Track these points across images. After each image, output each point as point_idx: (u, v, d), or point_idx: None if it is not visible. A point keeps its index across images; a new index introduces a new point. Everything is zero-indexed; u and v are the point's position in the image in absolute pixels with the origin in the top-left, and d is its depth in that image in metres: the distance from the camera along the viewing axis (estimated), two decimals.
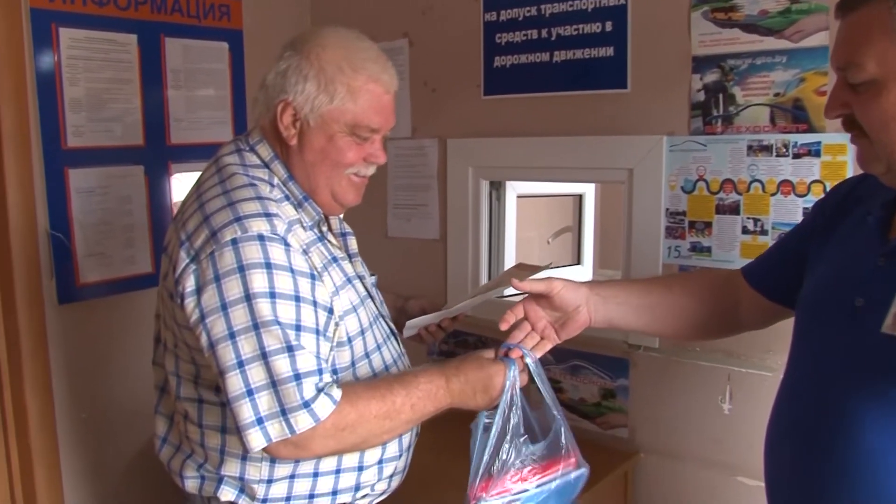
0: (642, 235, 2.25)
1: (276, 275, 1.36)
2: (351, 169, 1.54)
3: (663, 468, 2.29)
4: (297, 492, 1.51)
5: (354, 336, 1.51)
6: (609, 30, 2.27)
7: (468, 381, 1.49)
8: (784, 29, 1.99)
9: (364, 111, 1.49)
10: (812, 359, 1.32)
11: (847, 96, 1.18)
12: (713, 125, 2.12)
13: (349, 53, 1.49)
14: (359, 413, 1.38)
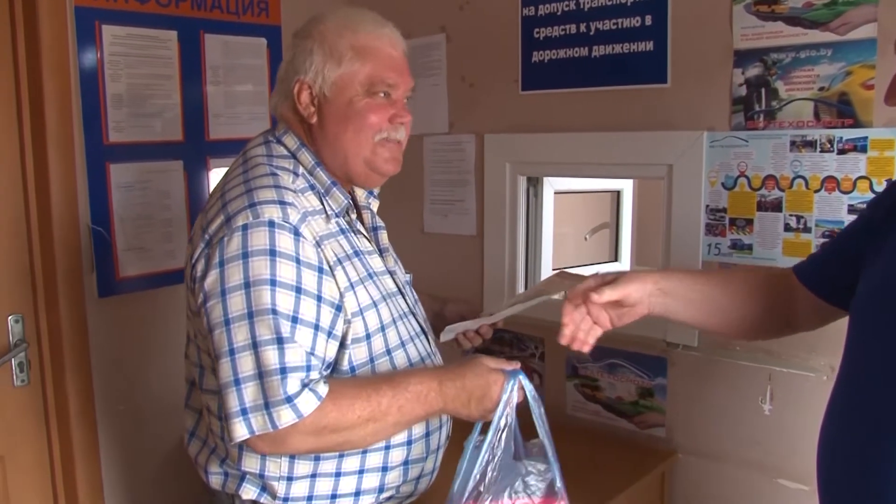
0: (682, 232, 2.21)
1: (280, 263, 1.35)
2: (379, 134, 1.51)
3: (701, 469, 2.26)
4: (319, 491, 1.48)
5: (374, 332, 1.48)
6: (649, 24, 2.24)
7: (464, 388, 1.43)
8: (830, 21, 1.94)
9: (374, 67, 1.49)
10: (864, 359, 1.27)
11: None
12: (755, 120, 2.08)
13: (347, 19, 1.52)
14: (341, 413, 1.34)
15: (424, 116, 2.79)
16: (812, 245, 2.01)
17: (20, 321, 2.24)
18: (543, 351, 2.58)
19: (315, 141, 1.54)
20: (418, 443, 1.54)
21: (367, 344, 1.46)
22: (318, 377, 1.35)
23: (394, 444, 1.50)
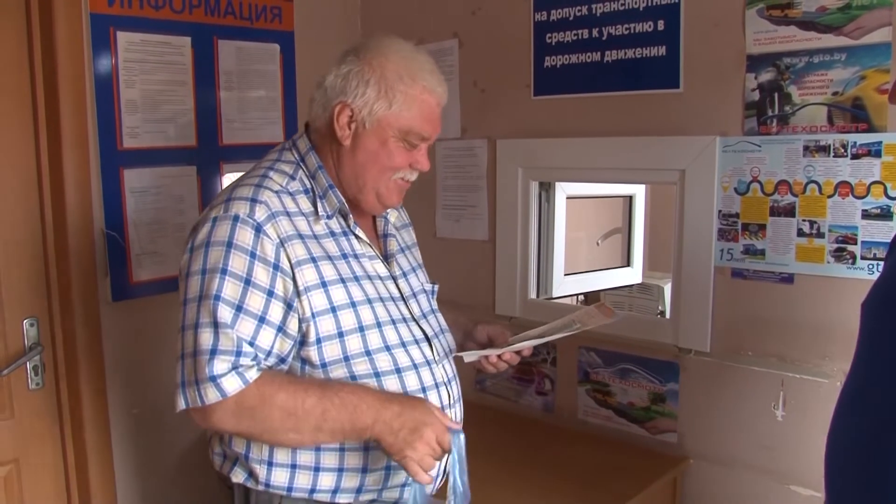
0: (694, 237, 2.21)
1: (235, 255, 1.45)
2: (398, 174, 1.61)
3: (713, 475, 2.25)
4: (298, 483, 1.54)
5: (349, 332, 1.52)
6: (661, 29, 2.24)
7: (400, 416, 1.44)
8: (843, 25, 1.94)
9: (417, 119, 1.57)
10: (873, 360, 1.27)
11: None
12: (768, 125, 2.07)
13: (409, 64, 1.57)
14: (262, 398, 1.41)
15: None
16: (825, 251, 2.00)
17: (35, 325, 2.26)
18: (555, 356, 2.58)
19: (339, 158, 1.61)
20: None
21: (339, 342, 1.51)
22: (252, 364, 1.43)
23: (374, 446, 1.51)
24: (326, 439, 1.48)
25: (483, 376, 2.76)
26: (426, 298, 1.75)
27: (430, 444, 1.44)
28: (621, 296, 3.47)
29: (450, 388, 1.66)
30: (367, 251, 1.63)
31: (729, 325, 2.19)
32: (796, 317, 2.06)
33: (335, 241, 1.58)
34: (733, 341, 2.18)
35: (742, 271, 2.14)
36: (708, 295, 2.20)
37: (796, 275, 2.06)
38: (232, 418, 1.43)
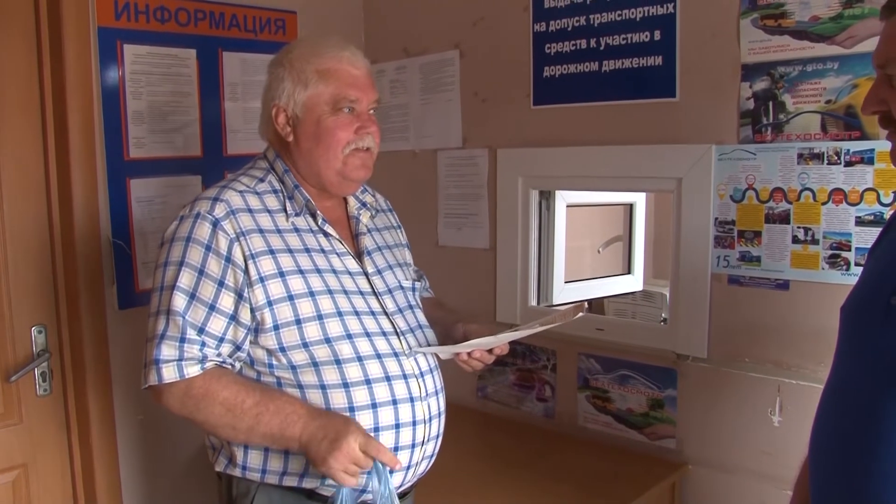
0: (691, 245, 2.23)
1: (193, 248, 1.57)
2: (348, 147, 1.67)
3: (711, 480, 2.26)
4: (271, 467, 1.62)
5: (307, 319, 1.59)
6: (658, 38, 2.27)
7: (324, 427, 1.50)
8: (836, 35, 1.96)
9: (337, 87, 1.65)
10: (847, 361, 1.32)
11: (886, 93, 1.20)
12: (763, 133, 2.10)
13: (312, 46, 1.70)
14: (207, 392, 1.53)
15: (438, 131, 2.84)
16: (820, 257, 2.02)
17: (43, 332, 2.30)
18: (556, 363, 2.60)
19: (292, 156, 1.71)
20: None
21: (297, 328, 1.58)
22: (198, 354, 1.54)
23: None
24: (259, 441, 1.57)
25: (484, 383, 2.78)
26: (403, 295, 1.79)
27: (351, 454, 1.47)
28: (625, 303, 3.49)
29: (421, 381, 1.69)
30: (336, 248, 1.70)
31: (726, 331, 2.21)
32: (792, 323, 2.08)
33: (300, 236, 1.66)
34: (730, 347, 2.20)
35: (738, 278, 2.17)
36: (705, 302, 2.22)
37: (792, 281, 2.08)
38: (177, 403, 1.56)
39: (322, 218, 1.70)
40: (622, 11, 2.34)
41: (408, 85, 2.92)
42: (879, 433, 1.17)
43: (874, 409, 1.18)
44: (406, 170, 2.94)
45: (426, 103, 2.88)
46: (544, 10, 2.51)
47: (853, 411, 1.24)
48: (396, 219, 2.00)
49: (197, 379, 1.53)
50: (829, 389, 1.37)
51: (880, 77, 1.22)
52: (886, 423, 1.16)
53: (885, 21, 1.21)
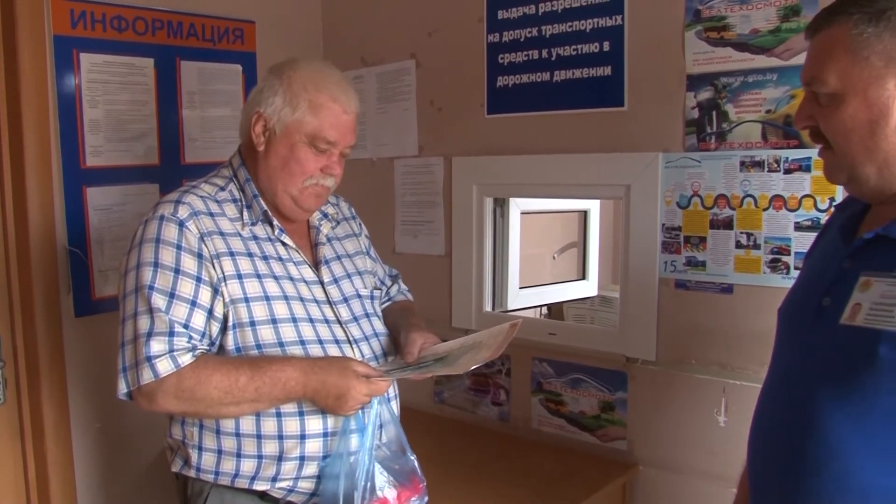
0: (639, 250, 2.29)
1: (163, 249, 1.60)
2: (310, 179, 1.71)
3: (661, 480, 2.32)
4: (224, 469, 1.65)
5: (261, 322, 1.63)
6: (607, 50, 2.33)
7: (324, 384, 1.58)
8: (774, 47, 2.04)
9: (322, 125, 1.69)
10: (782, 359, 1.40)
11: (813, 109, 1.27)
12: (707, 142, 2.16)
13: (314, 75, 1.71)
14: (198, 380, 1.54)
15: (395, 140, 2.88)
16: (762, 262, 2.08)
17: None
18: (510, 367, 2.64)
19: (257, 165, 1.74)
20: (314, 440, 1.64)
21: (251, 330, 1.62)
22: (188, 345, 1.56)
23: (287, 436, 1.63)
24: (268, 407, 1.61)
25: (441, 388, 2.82)
26: (360, 304, 1.83)
27: (357, 400, 1.59)
28: (584, 308, 3.54)
29: None
30: (293, 257, 1.74)
31: (673, 334, 2.26)
32: (736, 325, 2.14)
33: (258, 243, 1.70)
34: (678, 350, 2.26)
35: (685, 282, 2.22)
36: (653, 306, 2.28)
37: (735, 285, 2.14)
38: (174, 399, 1.55)
39: (279, 228, 1.73)
40: (573, 23, 2.39)
41: (365, 94, 2.95)
42: (813, 427, 1.23)
43: (807, 405, 1.24)
44: (364, 178, 2.98)
45: (383, 112, 2.92)
46: (498, 22, 2.57)
47: (788, 407, 1.30)
48: (360, 225, 2.03)
49: (186, 369, 1.54)
50: (766, 388, 1.44)
51: (807, 94, 1.29)
52: (819, 417, 1.22)
53: (810, 40, 1.28)
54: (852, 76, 1.20)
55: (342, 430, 1.64)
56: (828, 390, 1.22)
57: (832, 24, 1.23)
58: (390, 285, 2.10)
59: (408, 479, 1.68)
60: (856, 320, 1.19)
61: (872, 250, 1.25)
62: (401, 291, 2.13)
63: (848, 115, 1.21)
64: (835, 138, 1.25)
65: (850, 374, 1.19)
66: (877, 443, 1.16)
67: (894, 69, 1.18)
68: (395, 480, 1.66)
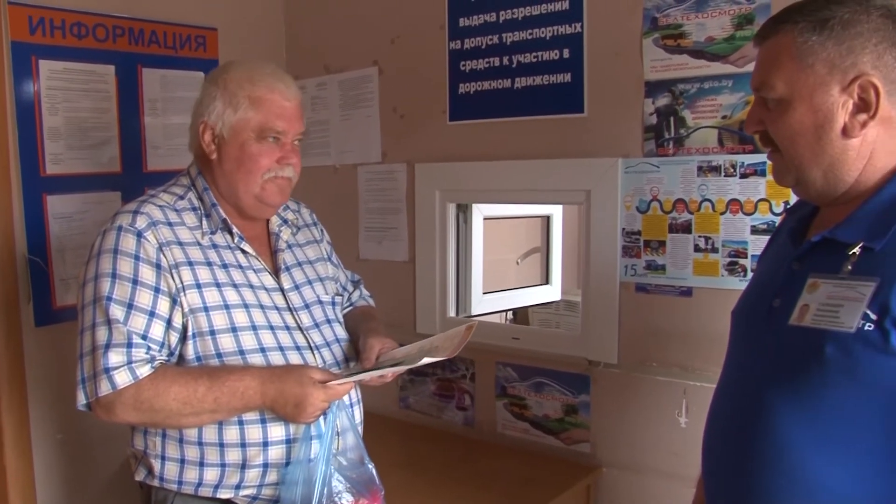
0: (600, 254, 2.32)
1: (121, 259, 1.60)
2: (268, 173, 1.71)
3: (624, 482, 2.34)
4: (186, 478, 1.65)
5: (221, 331, 1.63)
6: (566, 57, 2.36)
7: (283, 393, 1.58)
8: (729, 54, 2.08)
9: (266, 116, 1.69)
10: (735, 360, 1.44)
11: (762, 114, 1.31)
12: (665, 147, 2.20)
13: (248, 72, 1.72)
14: (157, 391, 1.54)
15: (358, 146, 2.89)
16: (719, 265, 2.12)
17: None
18: (474, 372, 2.66)
19: (214, 173, 1.74)
20: (277, 447, 1.65)
21: (212, 339, 1.62)
22: (146, 356, 1.56)
23: (249, 443, 1.63)
24: (227, 417, 1.61)
25: (406, 394, 2.83)
26: (322, 310, 1.83)
27: (316, 407, 1.59)
28: (549, 313, 3.57)
29: None
30: (253, 264, 1.74)
31: (635, 337, 2.29)
32: (695, 328, 2.18)
33: (218, 252, 1.70)
34: (639, 353, 2.29)
35: (645, 286, 2.26)
36: (614, 309, 2.31)
37: (694, 288, 2.18)
38: (133, 410, 1.55)
39: (239, 235, 1.73)
40: (533, 31, 2.42)
41: (328, 101, 2.96)
42: (764, 424, 1.26)
43: (758, 403, 1.28)
44: (327, 185, 2.98)
45: (346, 119, 2.93)
46: (459, 29, 2.59)
47: (740, 406, 1.33)
48: (321, 231, 2.04)
49: (144, 381, 1.54)
50: (719, 388, 1.47)
51: (757, 99, 1.33)
52: (769, 414, 1.25)
53: (758, 48, 1.33)
54: (798, 82, 1.24)
55: (303, 436, 1.65)
56: (778, 388, 1.25)
57: (778, 32, 1.27)
58: (352, 291, 2.10)
59: (365, 488, 1.68)
60: (804, 321, 1.23)
61: (819, 253, 1.28)
62: (362, 297, 2.13)
63: (795, 119, 1.25)
64: (783, 142, 1.28)
65: (799, 372, 1.22)
66: (824, 437, 1.20)
67: (839, 76, 1.22)
68: (352, 488, 1.66)
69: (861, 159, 1.25)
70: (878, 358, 1.14)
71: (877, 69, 1.21)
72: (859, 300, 1.17)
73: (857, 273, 1.20)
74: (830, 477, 1.19)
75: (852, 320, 1.16)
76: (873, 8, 1.22)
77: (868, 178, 1.26)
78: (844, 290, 1.20)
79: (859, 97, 1.22)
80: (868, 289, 1.17)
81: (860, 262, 1.21)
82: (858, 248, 1.21)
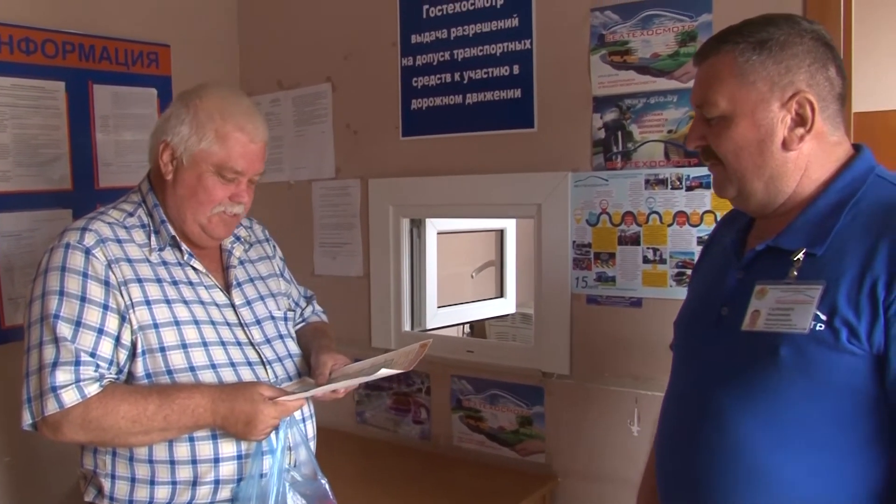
0: (552, 267, 2.35)
1: (69, 277, 1.59)
2: (217, 207, 1.71)
3: (579, 491, 2.37)
4: (137, 496, 1.63)
5: (171, 348, 1.63)
6: (517, 73, 2.40)
7: (233, 410, 1.58)
8: (674, 70, 2.13)
9: (229, 155, 1.68)
10: (686, 367, 1.47)
11: (704, 130, 1.37)
12: (614, 161, 2.24)
13: (221, 104, 1.70)
14: (105, 410, 1.53)
15: (312, 162, 2.90)
16: (668, 275, 2.17)
17: None
18: (430, 385, 2.67)
19: (165, 192, 1.73)
20: (228, 463, 1.65)
21: (162, 356, 1.62)
22: (94, 374, 1.55)
23: (200, 460, 1.62)
24: (177, 435, 1.60)
25: (362, 408, 2.83)
26: (274, 325, 1.84)
27: (267, 424, 1.59)
28: (505, 326, 3.60)
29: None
30: (204, 280, 1.74)
31: (587, 348, 2.33)
32: (646, 338, 2.21)
33: (167, 268, 1.70)
34: (591, 364, 2.32)
35: (596, 297, 2.29)
36: (566, 321, 2.34)
37: (644, 299, 2.22)
38: (80, 430, 1.54)
39: (188, 252, 1.73)
40: (483, 47, 2.46)
41: (282, 117, 2.97)
42: (722, 426, 1.30)
43: (714, 407, 1.32)
44: (282, 201, 2.99)
45: (300, 135, 2.94)
46: (411, 46, 2.62)
47: (696, 411, 1.36)
48: (274, 247, 2.04)
49: (92, 399, 1.53)
50: (669, 396, 1.52)
51: (698, 115, 1.38)
52: (726, 417, 1.29)
53: (698, 66, 1.38)
54: (741, 99, 1.30)
55: (254, 452, 1.65)
56: (734, 391, 1.29)
57: (720, 52, 1.32)
58: (305, 307, 2.10)
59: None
60: (756, 326, 1.28)
61: (763, 261, 1.34)
62: (315, 312, 2.13)
63: (738, 134, 1.31)
64: (726, 156, 1.33)
65: (754, 375, 1.27)
66: (780, 436, 1.25)
67: (778, 93, 1.28)
68: None
69: (798, 171, 1.31)
70: (831, 355, 1.20)
71: (811, 87, 1.28)
72: (808, 303, 1.22)
73: (803, 278, 1.26)
74: (790, 473, 1.24)
75: (805, 322, 1.22)
76: (805, 31, 1.30)
77: (804, 189, 1.32)
78: (793, 295, 1.25)
79: (797, 113, 1.28)
80: (816, 291, 1.23)
81: (805, 268, 1.27)
82: (802, 255, 1.27)
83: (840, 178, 1.31)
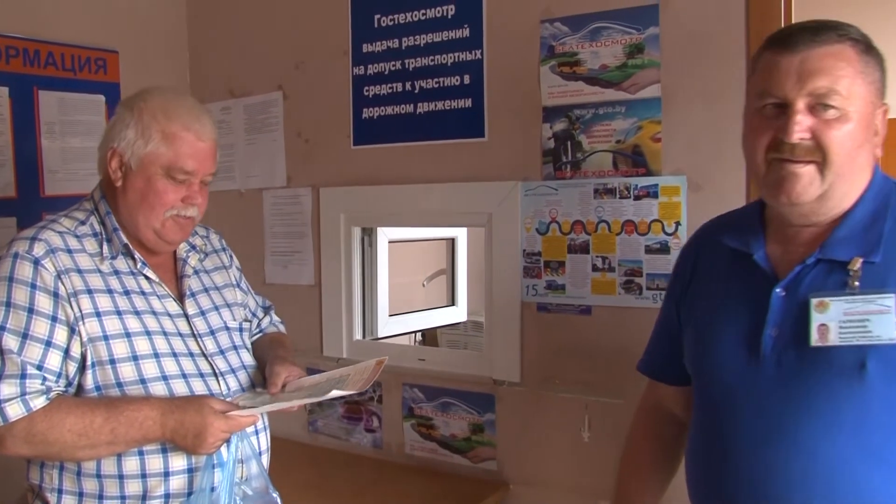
0: (502, 275, 2.38)
1: (16, 288, 1.55)
2: (171, 210, 1.67)
3: (531, 498, 2.39)
4: None
5: (122, 360, 1.60)
6: (467, 82, 2.42)
7: (182, 423, 1.56)
8: (622, 82, 2.17)
9: (177, 155, 1.65)
10: (744, 399, 1.36)
11: (815, 123, 1.26)
12: (563, 170, 2.27)
13: (166, 105, 1.67)
14: (51, 423, 1.51)
15: (264, 171, 2.89)
16: (616, 283, 2.20)
17: None
18: (381, 394, 2.67)
19: (116, 200, 1.69)
20: (178, 477, 1.62)
21: (111, 368, 1.59)
22: (41, 387, 1.52)
23: (150, 474, 1.60)
24: (125, 449, 1.57)
25: (315, 417, 2.82)
26: (228, 336, 1.81)
27: (217, 437, 1.57)
28: (457, 334, 3.62)
29: None
30: (157, 290, 1.71)
31: (537, 356, 2.35)
32: (595, 345, 2.25)
33: (119, 278, 1.66)
34: (542, 371, 2.34)
35: (546, 305, 2.32)
36: (517, 329, 2.36)
37: (593, 306, 2.25)
38: (24, 444, 1.51)
39: (142, 261, 1.70)
40: (434, 57, 2.48)
41: (233, 125, 2.95)
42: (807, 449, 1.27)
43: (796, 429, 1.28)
44: (233, 209, 2.97)
45: (251, 143, 2.93)
46: (362, 55, 2.62)
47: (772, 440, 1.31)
48: (231, 257, 2.01)
49: (37, 413, 1.49)
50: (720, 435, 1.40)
51: (805, 107, 1.26)
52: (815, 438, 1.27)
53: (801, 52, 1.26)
54: (861, 97, 1.26)
55: (204, 465, 1.62)
56: (817, 412, 1.26)
57: (843, 42, 1.26)
58: (262, 317, 2.08)
59: None
60: (828, 340, 1.25)
61: (807, 274, 1.31)
62: (272, 323, 2.12)
63: (855, 132, 1.26)
64: (838, 153, 1.25)
65: (839, 389, 1.24)
66: (876, 453, 1.23)
67: (878, 99, 1.28)
68: None
69: (866, 180, 1.31)
70: None
71: (883, 97, 1.29)
72: (885, 312, 1.21)
73: (866, 287, 1.24)
74: (888, 488, 1.23)
75: (889, 332, 1.21)
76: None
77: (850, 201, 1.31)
78: (863, 305, 1.23)
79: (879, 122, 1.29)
80: (890, 300, 1.22)
81: (865, 277, 1.25)
82: (859, 264, 1.26)
83: (870, 188, 1.31)
